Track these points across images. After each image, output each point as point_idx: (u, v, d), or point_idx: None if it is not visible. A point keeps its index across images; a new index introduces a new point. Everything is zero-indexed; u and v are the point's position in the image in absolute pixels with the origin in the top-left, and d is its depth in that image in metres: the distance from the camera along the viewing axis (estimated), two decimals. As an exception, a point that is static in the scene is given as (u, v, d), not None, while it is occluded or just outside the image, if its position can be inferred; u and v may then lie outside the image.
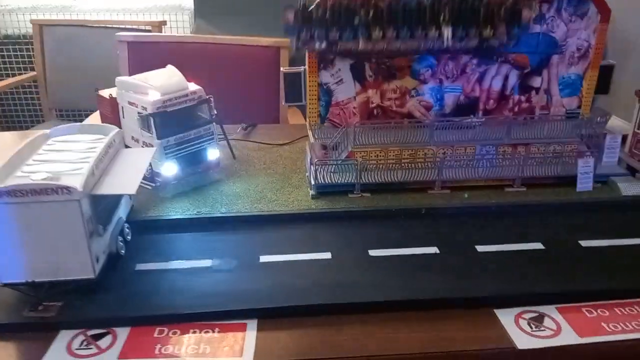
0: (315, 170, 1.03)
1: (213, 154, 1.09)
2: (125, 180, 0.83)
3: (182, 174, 1.04)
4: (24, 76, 2.67)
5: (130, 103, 1.02)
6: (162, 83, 1.00)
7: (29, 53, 2.89)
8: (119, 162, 0.86)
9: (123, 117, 1.05)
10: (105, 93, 1.09)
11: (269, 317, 0.77)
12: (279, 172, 1.15)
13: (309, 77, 1.08)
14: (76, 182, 0.74)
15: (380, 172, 1.08)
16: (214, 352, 0.71)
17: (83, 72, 2.33)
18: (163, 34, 2.50)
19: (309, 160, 1.10)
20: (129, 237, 0.92)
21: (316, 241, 0.94)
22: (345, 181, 1.06)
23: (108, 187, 0.80)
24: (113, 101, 1.06)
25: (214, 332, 0.76)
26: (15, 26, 2.91)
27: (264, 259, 0.90)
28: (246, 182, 1.09)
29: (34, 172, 0.77)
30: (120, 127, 0.98)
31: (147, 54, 1.89)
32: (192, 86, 1.04)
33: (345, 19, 0.98)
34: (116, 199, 0.91)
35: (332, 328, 0.75)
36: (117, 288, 0.82)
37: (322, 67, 1.10)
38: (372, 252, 0.90)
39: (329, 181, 1.04)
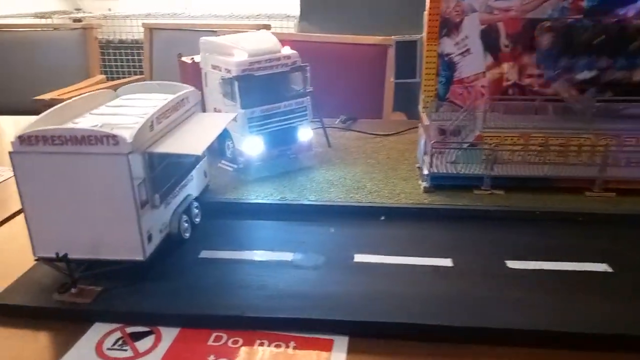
0: (431, 156, 0.80)
1: (305, 134, 0.94)
2: (191, 140, 0.65)
3: (268, 154, 0.90)
4: (132, 77, 2.68)
5: (214, 67, 0.90)
6: (251, 43, 0.88)
7: (139, 57, 2.93)
8: (190, 125, 0.72)
9: (206, 85, 0.93)
10: (188, 59, 0.97)
11: (365, 334, 0.54)
12: (382, 162, 0.98)
13: (427, 45, 0.89)
14: (127, 133, 0.56)
15: (517, 164, 0.82)
16: (285, 375, 0.49)
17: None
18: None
19: (422, 146, 0.90)
20: (197, 220, 0.76)
21: (431, 243, 0.71)
22: (470, 173, 0.84)
23: (168, 146, 0.63)
24: (196, 67, 0.95)
25: (288, 346, 0.54)
26: (129, 31, 2.96)
27: (359, 258, 0.68)
28: (341, 170, 0.93)
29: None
30: (202, 96, 0.87)
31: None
32: (286, 50, 0.90)
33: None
34: (184, 169, 0.75)
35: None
36: (172, 277, 0.63)
37: (445, 34, 0.89)
38: (511, 264, 0.64)
39: (448, 171, 0.84)
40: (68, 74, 2.45)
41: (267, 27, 2.52)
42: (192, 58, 0.95)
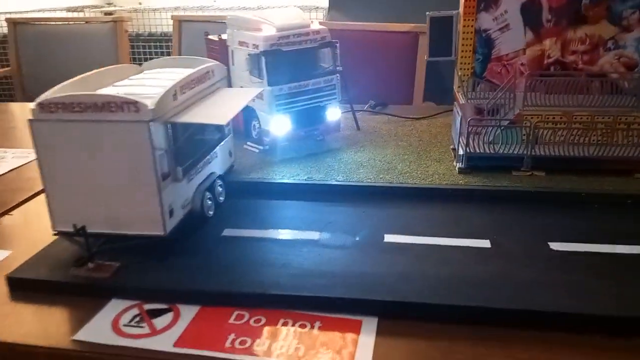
0: (468, 135, 0.76)
1: (334, 113, 0.91)
2: (216, 112, 0.63)
3: (294, 134, 0.88)
4: None
5: (241, 43, 0.88)
6: (280, 18, 0.85)
7: (168, 50, 2.94)
8: (215, 97, 0.70)
9: (232, 63, 0.91)
10: (215, 37, 0.95)
11: (395, 316, 0.51)
12: (413, 144, 0.94)
13: (464, 20, 0.86)
14: (149, 100, 0.53)
15: (560, 144, 0.76)
16: (310, 356, 0.45)
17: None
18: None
19: (457, 126, 0.86)
20: (221, 198, 0.73)
21: (467, 225, 0.67)
22: (509, 153, 0.79)
23: (192, 116, 0.60)
24: (223, 44, 0.93)
25: (313, 327, 0.50)
26: (158, 24, 2.97)
27: (390, 238, 0.64)
28: (371, 152, 0.90)
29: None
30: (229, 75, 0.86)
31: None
32: (315, 25, 0.87)
33: None
34: (209, 145, 0.72)
35: (495, 345, 0.46)
36: (193, 254, 0.60)
37: (483, 8, 0.85)
38: (555, 246, 0.59)
39: (486, 151, 0.79)
40: (99, 67, 2.49)
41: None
42: (220, 35, 0.92)
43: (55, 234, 0.61)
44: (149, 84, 0.67)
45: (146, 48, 2.96)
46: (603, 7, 0.82)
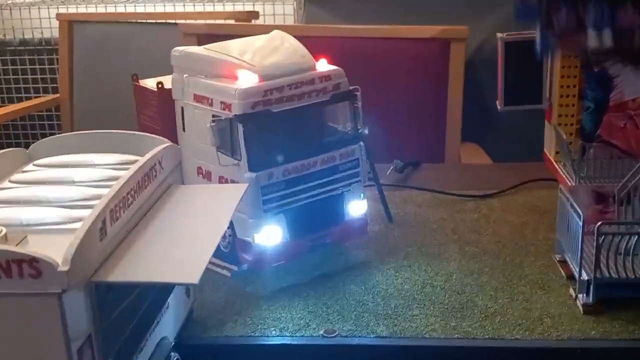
0: (597, 249, 0.74)
1: (357, 207, 0.91)
2: (175, 253, 0.58)
3: (295, 246, 0.87)
4: (41, 99, 2.73)
5: (200, 98, 0.86)
6: (265, 56, 0.86)
7: (51, 66, 2.90)
8: (168, 213, 0.67)
9: (183, 128, 0.90)
10: (150, 82, 0.97)
11: None
12: (488, 248, 0.94)
13: (562, 48, 0.89)
14: (57, 253, 0.49)
15: None
16: None
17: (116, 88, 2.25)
18: (258, 23, 2.42)
19: (568, 224, 0.83)
20: None
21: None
22: None
23: (136, 270, 0.55)
24: (163, 96, 0.92)
25: None
26: (36, 26, 2.93)
27: None
28: (422, 269, 0.90)
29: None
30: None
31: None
32: (323, 65, 0.88)
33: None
34: (156, 297, 0.67)
35: None
36: None
37: None
38: None
39: (627, 275, 0.77)
40: None
41: (254, 14, 2.50)
42: (161, 82, 0.91)
43: None
44: (47, 198, 0.63)
45: (15, 64, 2.89)
46: None
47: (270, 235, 0.83)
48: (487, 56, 1.78)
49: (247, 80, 0.81)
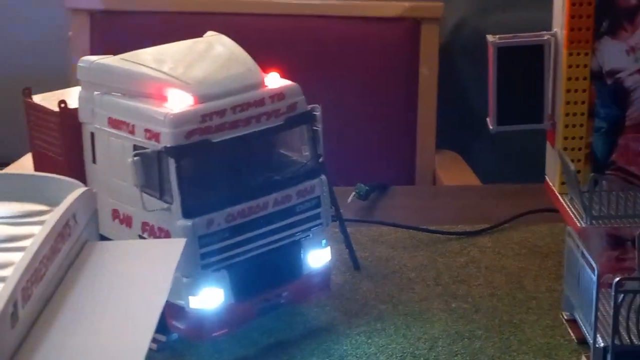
0: (615, 310, 0.78)
1: (319, 257, 0.95)
2: (105, 346, 0.60)
3: (240, 310, 0.90)
4: None
5: (116, 123, 0.89)
6: (200, 71, 0.90)
7: None
8: (88, 282, 0.68)
9: (94, 160, 0.94)
10: (46, 99, 0.99)
11: None
12: (479, 304, 0.99)
13: (569, 55, 0.94)
14: None
15: None
16: None
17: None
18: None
19: (577, 277, 0.88)
20: None
21: None
22: None
23: None
24: (66, 119, 0.94)
25: None
26: None
27: None
28: (401, 334, 0.93)
29: None
30: (85, 184, 0.84)
31: (128, 33, 1.85)
32: (274, 81, 0.92)
33: None
34: None
35: None
36: None
37: (607, 31, 0.95)
38: None
39: None
40: None
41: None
42: (62, 102, 0.92)
43: None
44: None
45: None
46: None
47: (209, 297, 0.86)
48: (466, 39, 1.87)
49: (179, 101, 0.84)
